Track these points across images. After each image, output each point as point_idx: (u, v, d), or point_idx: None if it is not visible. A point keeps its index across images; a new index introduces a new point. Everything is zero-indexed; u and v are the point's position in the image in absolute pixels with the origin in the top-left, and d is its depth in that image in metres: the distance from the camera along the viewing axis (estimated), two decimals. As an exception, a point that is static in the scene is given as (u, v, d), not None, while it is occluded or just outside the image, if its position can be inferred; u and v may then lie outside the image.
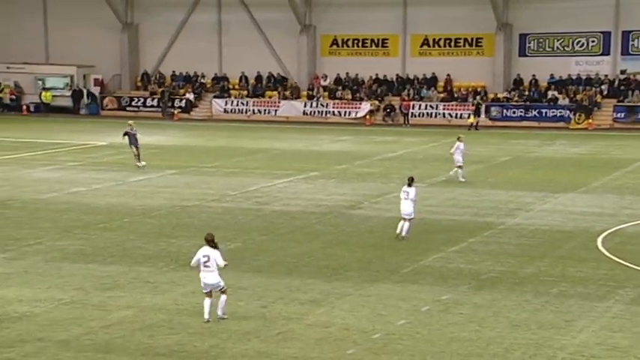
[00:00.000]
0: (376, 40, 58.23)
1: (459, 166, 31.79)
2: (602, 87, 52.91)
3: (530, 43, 55.07)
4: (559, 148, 43.01)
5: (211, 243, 15.39)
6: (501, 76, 55.30)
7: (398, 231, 22.16)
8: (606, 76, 53.43)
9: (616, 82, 52.94)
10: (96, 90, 62.35)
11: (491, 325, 15.58)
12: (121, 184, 31.70)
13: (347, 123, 55.20)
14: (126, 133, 35.14)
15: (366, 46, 58.53)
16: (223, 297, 15.53)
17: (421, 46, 57.38)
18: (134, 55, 62.98)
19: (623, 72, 53.01)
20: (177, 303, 16.96)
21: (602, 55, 53.75)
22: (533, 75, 54.53)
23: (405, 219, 22.19)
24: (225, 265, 15.39)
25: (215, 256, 15.29)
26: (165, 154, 38.55)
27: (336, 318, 16.02)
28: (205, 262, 15.30)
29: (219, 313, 15.55)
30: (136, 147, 34.86)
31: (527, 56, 55.31)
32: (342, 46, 59.07)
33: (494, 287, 18.04)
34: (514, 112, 53.32)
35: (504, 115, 53.33)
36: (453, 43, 56.62)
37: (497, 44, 55.01)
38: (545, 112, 52.72)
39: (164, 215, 25.89)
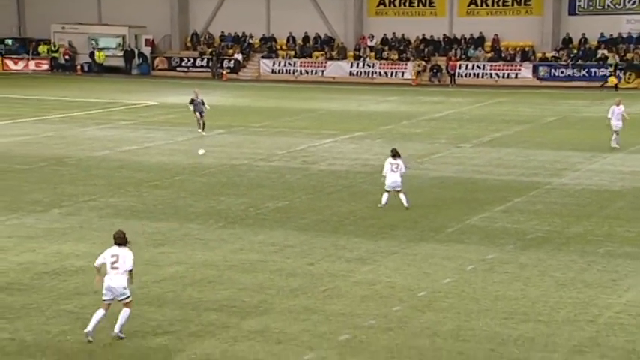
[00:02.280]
0: (423, 0, 57.49)
1: (616, 132, 29.75)
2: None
3: (580, 1, 53.93)
4: (608, 108, 42.17)
5: (120, 240, 13.08)
6: (550, 35, 54.32)
7: (384, 202, 21.04)
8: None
9: (667, 41, 51.76)
10: (147, 50, 62.68)
11: (536, 284, 15.50)
12: (172, 143, 31.98)
13: (393, 83, 54.81)
14: (192, 101, 34.23)
15: (413, 6, 57.86)
16: (126, 311, 12.97)
17: (469, 6, 56.55)
18: (184, 16, 63.07)
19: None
20: (226, 259, 17.14)
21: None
22: (583, 34, 53.46)
23: (395, 191, 21.07)
24: (131, 272, 13.06)
25: (125, 255, 12.97)
26: (214, 114, 38.62)
27: (381, 276, 16.06)
28: (113, 262, 12.91)
29: (116, 329, 12.98)
30: (201, 114, 33.72)
31: (577, 15, 54.20)
32: (389, 6, 58.47)
33: (539, 247, 17.91)
34: (562, 72, 52.43)
35: (552, 74, 52.48)
36: (501, 2, 55.71)
37: (547, 3, 53.98)
38: (595, 72, 51.73)
39: (213, 174, 26.08)
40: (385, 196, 21.20)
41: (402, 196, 21.15)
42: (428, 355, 12.43)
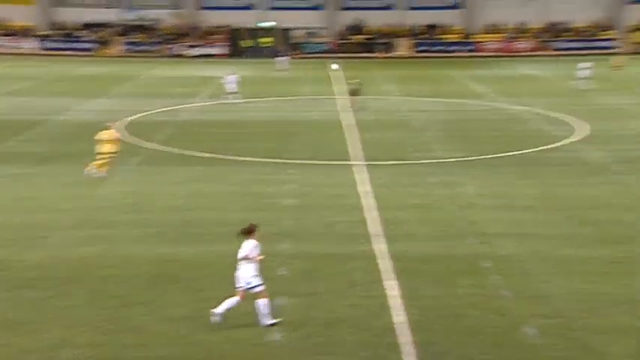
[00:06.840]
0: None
1: (232, 93, 27.05)
2: (117, 29, 52.09)
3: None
4: (90, 69, 41.10)
5: (244, 232, 9.08)
6: (43, 20, 51.14)
7: None
8: (117, 23, 52.32)
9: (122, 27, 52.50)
10: None
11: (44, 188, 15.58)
12: None
13: None
14: None
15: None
16: (257, 301, 9.00)
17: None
18: None
19: (130, 20, 52.80)
20: None
21: (108, 7, 52.20)
22: (67, 20, 51.51)
23: None
24: (246, 258, 8.92)
25: (243, 247, 8.99)
26: None
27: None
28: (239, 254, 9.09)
29: (264, 321, 9.03)
30: None
31: (67, 7, 51.93)
32: None
33: (54, 163, 17.76)
34: (53, 45, 49.91)
35: (47, 47, 49.79)
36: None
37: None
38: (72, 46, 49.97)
39: None
40: None
41: None
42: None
